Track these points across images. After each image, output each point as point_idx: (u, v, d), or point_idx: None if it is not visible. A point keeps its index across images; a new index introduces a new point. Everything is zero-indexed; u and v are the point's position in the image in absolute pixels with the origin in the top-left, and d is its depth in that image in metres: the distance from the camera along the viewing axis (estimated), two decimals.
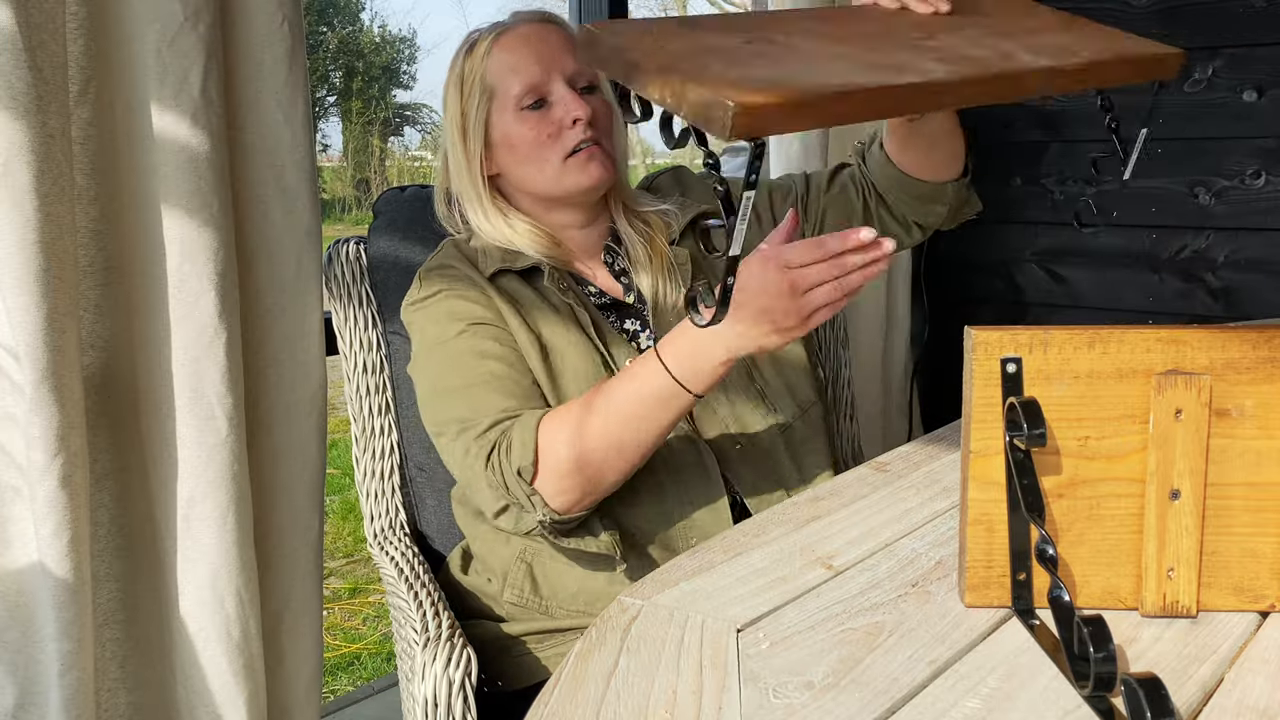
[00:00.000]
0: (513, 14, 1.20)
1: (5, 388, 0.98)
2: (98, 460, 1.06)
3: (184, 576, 1.13)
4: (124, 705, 1.11)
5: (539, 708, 0.60)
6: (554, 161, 1.15)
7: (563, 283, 1.15)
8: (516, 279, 1.15)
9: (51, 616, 0.98)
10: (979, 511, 0.71)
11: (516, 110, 1.15)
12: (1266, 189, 2.08)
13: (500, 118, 1.16)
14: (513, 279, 1.15)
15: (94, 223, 1.04)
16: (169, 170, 1.05)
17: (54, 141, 0.93)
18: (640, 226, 1.22)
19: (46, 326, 0.93)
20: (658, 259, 1.21)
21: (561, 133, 1.14)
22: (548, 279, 1.14)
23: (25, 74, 0.90)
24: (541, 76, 1.14)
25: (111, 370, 1.07)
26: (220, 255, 1.09)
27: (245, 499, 1.13)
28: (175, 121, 1.05)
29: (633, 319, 1.20)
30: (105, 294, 1.05)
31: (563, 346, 1.11)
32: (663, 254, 1.21)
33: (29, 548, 1.00)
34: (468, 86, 1.17)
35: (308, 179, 1.19)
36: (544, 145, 1.14)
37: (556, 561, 1.12)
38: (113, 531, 1.09)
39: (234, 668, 1.14)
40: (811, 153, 2.08)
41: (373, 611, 2.92)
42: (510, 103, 1.15)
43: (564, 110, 1.13)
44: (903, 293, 2.33)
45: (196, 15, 1.04)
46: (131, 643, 1.11)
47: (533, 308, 1.14)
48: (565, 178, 1.15)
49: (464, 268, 1.16)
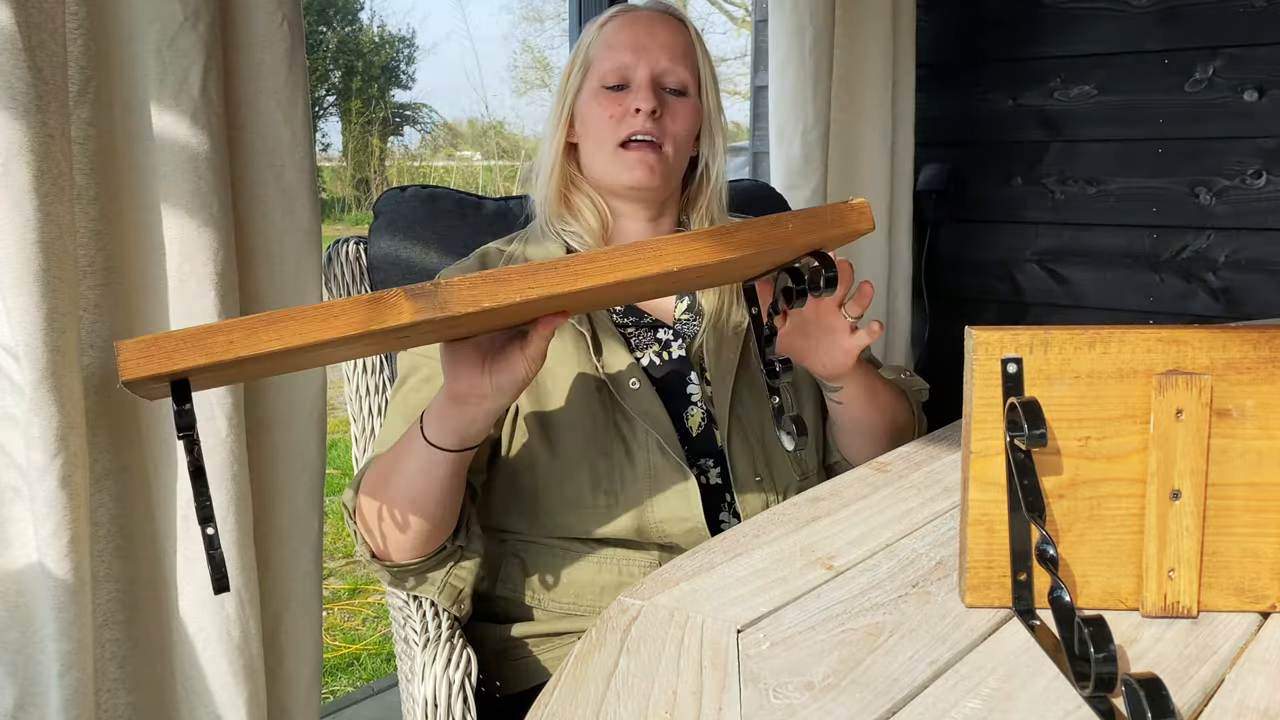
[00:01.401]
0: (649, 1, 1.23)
1: (5, 388, 0.98)
2: (98, 460, 1.06)
3: (184, 576, 1.13)
4: (124, 705, 1.11)
5: (539, 708, 0.60)
6: (608, 146, 1.16)
7: None
8: None
9: (51, 616, 0.98)
10: (979, 512, 0.71)
11: (599, 87, 1.17)
12: (1267, 189, 2.08)
13: (586, 91, 1.19)
14: None
15: (94, 222, 1.04)
16: (169, 170, 1.05)
17: (54, 141, 0.93)
18: None
19: (46, 326, 0.93)
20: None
21: (625, 118, 1.15)
22: None
23: (25, 74, 0.90)
24: (630, 61, 1.16)
25: (111, 370, 1.07)
26: (220, 255, 1.08)
27: (245, 499, 1.13)
28: (175, 121, 1.05)
29: (666, 328, 1.19)
30: (105, 294, 1.05)
31: (551, 365, 1.11)
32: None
33: (29, 548, 1.00)
34: (579, 55, 1.21)
35: (308, 179, 1.19)
36: (605, 126, 1.16)
37: (544, 554, 1.12)
38: (113, 531, 1.09)
39: (234, 668, 1.13)
40: (812, 154, 2.08)
41: (373, 611, 2.92)
42: (597, 79, 1.17)
43: (633, 97, 1.15)
44: (903, 293, 2.33)
45: (196, 15, 1.04)
46: (131, 643, 1.11)
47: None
48: (611, 166, 1.16)
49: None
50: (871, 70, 2.14)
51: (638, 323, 1.18)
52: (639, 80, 1.16)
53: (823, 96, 2.08)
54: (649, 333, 1.18)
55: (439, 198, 1.38)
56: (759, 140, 2.38)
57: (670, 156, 1.17)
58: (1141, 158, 2.22)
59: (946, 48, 2.41)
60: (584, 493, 1.10)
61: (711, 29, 12.49)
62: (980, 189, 2.43)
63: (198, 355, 0.67)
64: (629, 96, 1.16)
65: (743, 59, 13.08)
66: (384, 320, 0.71)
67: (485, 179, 13.26)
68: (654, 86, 1.16)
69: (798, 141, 2.08)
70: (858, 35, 2.12)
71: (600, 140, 1.17)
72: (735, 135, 2.80)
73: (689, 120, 1.18)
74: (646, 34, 1.17)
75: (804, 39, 2.04)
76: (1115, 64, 2.21)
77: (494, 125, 16.54)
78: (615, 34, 1.18)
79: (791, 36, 2.05)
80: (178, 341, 0.67)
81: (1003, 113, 2.37)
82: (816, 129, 2.08)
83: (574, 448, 1.10)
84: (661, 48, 1.16)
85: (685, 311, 1.20)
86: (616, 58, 1.16)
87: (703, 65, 1.20)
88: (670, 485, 1.09)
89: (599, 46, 1.19)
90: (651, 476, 1.09)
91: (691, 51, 1.19)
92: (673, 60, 1.17)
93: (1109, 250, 2.27)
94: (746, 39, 7.27)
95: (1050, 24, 2.28)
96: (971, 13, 2.38)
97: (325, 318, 0.70)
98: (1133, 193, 2.23)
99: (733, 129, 1.45)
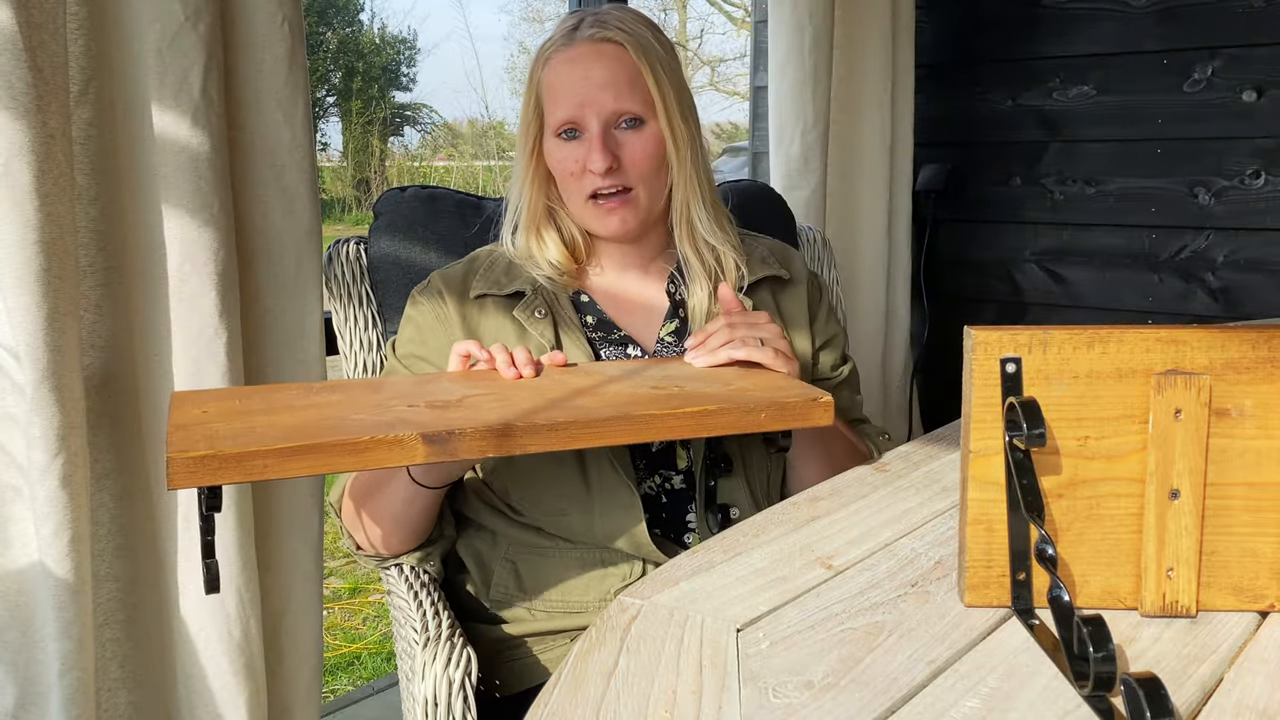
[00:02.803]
0: (587, 19, 1.15)
1: (6, 387, 0.98)
2: (98, 460, 1.06)
3: (184, 576, 1.13)
4: (124, 704, 1.11)
5: (539, 707, 0.60)
6: (578, 198, 1.14)
7: (539, 310, 1.14)
8: (502, 302, 1.15)
9: (52, 616, 0.98)
10: (979, 511, 0.71)
11: (555, 137, 1.14)
12: (1266, 189, 2.08)
13: (546, 135, 1.15)
14: (498, 302, 1.15)
15: (94, 222, 1.04)
16: (169, 170, 1.05)
17: (54, 141, 0.93)
18: (708, 262, 1.20)
19: (47, 326, 0.94)
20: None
21: (584, 174, 1.12)
22: (520, 307, 1.14)
23: (26, 74, 0.90)
24: (576, 112, 1.11)
25: (112, 370, 1.07)
26: (220, 255, 1.09)
27: (245, 499, 1.13)
28: (175, 121, 1.05)
29: (635, 345, 1.17)
30: (106, 294, 1.05)
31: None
32: None
33: (29, 547, 1.00)
34: (531, 92, 1.16)
35: (308, 179, 1.19)
36: (569, 180, 1.14)
37: (532, 555, 1.13)
38: (113, 531, 1.09)
39: (234, 668, 1.14)
40: (811, 154, 2.09)
41: (373, 611, 2.92)
42: (551, 128, 1.14)
43: (588, 153, 1.11)
44: (903, 293, 2.33)
45: (197, 15, 1.04)
46: (131, 643, 1.11)
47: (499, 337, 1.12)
48: (585, 216, 1.15)
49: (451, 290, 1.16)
50: (871, 70, 2.14)
51: (606, 337, 1.17)
52: (590, 132, 1.11)
53: (822, 96, 2.08)
54: (619, 349, 1.17)
55: (439, 198, 1.39)
56: (759, 140, 2.38)
57: (642, 197, 1.14)
58: (1140, 158, 2.22)
59: (946, 48, 2.41)
60: (543, 497, 1.12)
61: (711, 29, 12.48)
62: (979, 189, 2.43)
63: (236, 475, 0.77)
64: (582, 147, 1.12)
65: (742, 59, 13.08)
66: (399, 460, 0.81)
67: (485, 179, 13.26)
68: (605, 134, 1.11)
69: (797, 141, 2.08)
70: (857, 35, 2.12)
71: (569, 193, 1.15)
72: (735, 135, 2.80)
73: (651, 149, 1.13)
74: (583, 78, 1.11)
75: (803, 39, 2.04)
76: (1114, 64, 2.21)
77: (494, 126, 16.55)
78: (558, 80, 1.12)
79: (791, 36, 2.06)
80: (221, 462, 0.76)
81: (1002, 113, 2.37)
82: (816, 129, 2.08)
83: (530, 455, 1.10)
84: (603, 89, 1.10)
85: (671, 334, 1.19)
86: (563, 110, 1.12)
87: (656, 81, 1.12)
88: (615, 500, 1.09)
89: (546, 93, 1.14)
90: (602, 490, 1.10)
91: (638, 76, 1.11)
92: (618, 98, 1.10)
93: (1108, 250, 2.28)
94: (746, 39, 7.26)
95: (1049, 24, 2.28)
96: (971, 13, 2.38)
97: (352, 453, 0.80)
98: (1132, 193, 2.23)
99: (732, 129, 1.44)
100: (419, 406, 0.89)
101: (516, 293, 1.15)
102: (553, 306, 1.15)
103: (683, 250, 1.20)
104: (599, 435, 0.86)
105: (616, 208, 1.13)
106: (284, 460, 0.78)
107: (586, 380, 0.99)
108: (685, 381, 0.99)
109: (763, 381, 0.99)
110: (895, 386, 2.35)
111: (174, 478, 0.76)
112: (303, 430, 0.81)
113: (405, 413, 0.87)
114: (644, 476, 1.14)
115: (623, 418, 0.87)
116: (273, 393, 0.95)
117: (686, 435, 0.91)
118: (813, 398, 0.94)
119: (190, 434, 0.80)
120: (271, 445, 0.77)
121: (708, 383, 0.98)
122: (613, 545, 1.10)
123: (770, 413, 0.91)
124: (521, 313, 1.14)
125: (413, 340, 1.16)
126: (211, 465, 0.76)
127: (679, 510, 1.15)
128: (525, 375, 0.99)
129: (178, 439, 0.79)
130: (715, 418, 0.90)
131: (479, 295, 1.15)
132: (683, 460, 1.15)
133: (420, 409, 0.88)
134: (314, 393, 0.94)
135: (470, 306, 1.15)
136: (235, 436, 0.79)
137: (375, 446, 0.80)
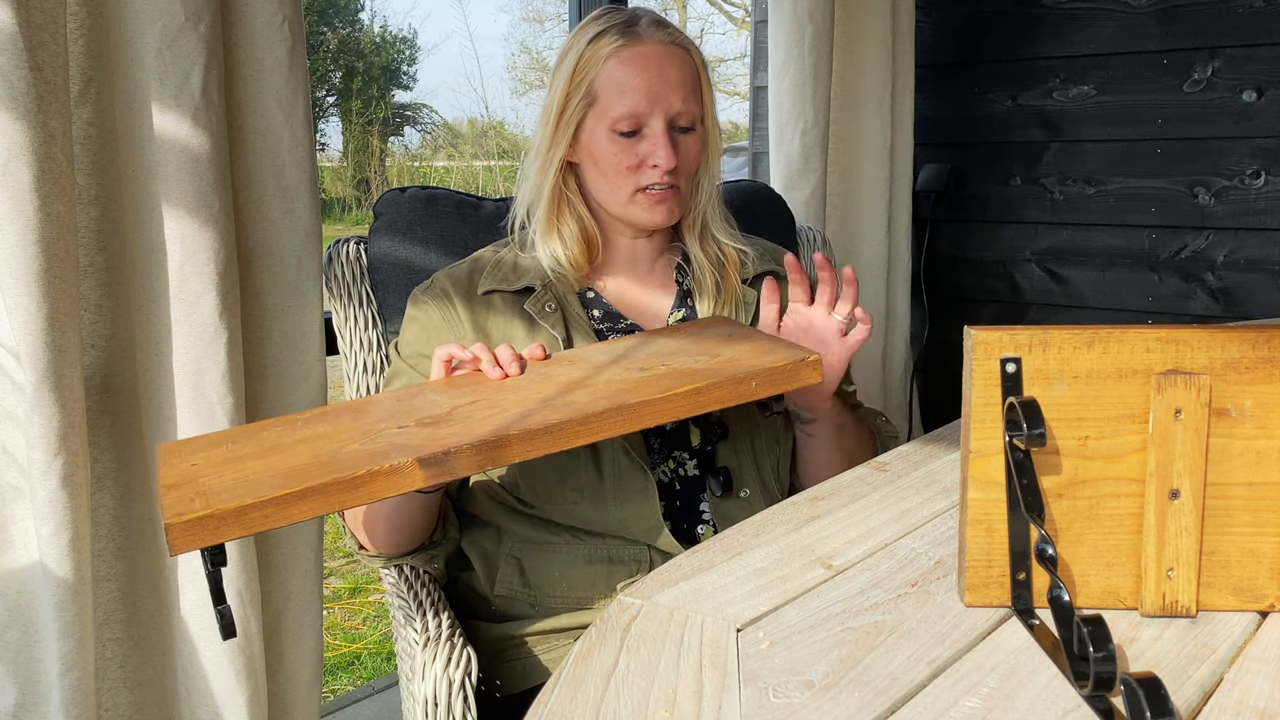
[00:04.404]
0: (647, 19, 1.16)
1: (6, 387, 0.98)
2: (98, 460, 1.06)
3: (184, 576, 1.13)
4: (125, 704, 1.11)
5: (539, 706, 0.60)
6: (625, 190, 1.15)
7: (550, 304, 1.15)
8: (510, 298, 1.16)
9: (52, 616, 0.98)
10: (979, 511, 0.71)
11: (610, 129, 1.13)
12: (1266, 189, 2.08)
13: (594, 125, 1.14)
14: (506, 297, 1.16)
15: (95, 222, 1.04)
16: (170, 170, 1.05)
17: (54, 141, 0.93)
18: (714, 255, 1.23)
19: (47, 326, 0.94)
20: (728, 291, 1.22)
21: (641, 168, 1.13)
22: (530, 301, 1.15)
23: (26, 74, 0.90)
24: (645, 109, 1.12)
25: (112, 370, 1.07)
26: (220, 255, 1.09)
27: None
28: (176, 121, 1.05)
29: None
30: (106, 294, 1.06)
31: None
32: (733, 289, 1.22)
33: (30, 547, 1.00)
34: (577, 78, 1.15)
35: (308, 179, 1.19)
36: (621, 173, 1.14)
37: (538, 550, 1.14)
38: (113, 531, 1.09)
39: (234, 668, 1.14)
40: (811, 154, 2.09)
41: (373, 611, 2.92)
42: (607, 119, 1.13)
43: (650, 152, 1.12)
44: (902, 293, 2.33)
45: (197, 15, 1.04)
46: (131, 643, 1.11)
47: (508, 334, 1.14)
48: (630, 209, 1.16)
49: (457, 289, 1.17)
50: (871, 70, 2.15)
51: (614, 327, 1.19)
52: (654, 130, 1.12)
53: (822, 96, 2.08)
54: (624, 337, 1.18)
55: (438, 198, 1.39)
56: (758, 140, 2.38)
57: (684, 192, 1.17)
58: (1140, 158, 2.22)
59: (945, 48, 2.41)
60: (553, 486, 1.12)
61: (711, 29, 12.50)
62: (979, 189, 2.43)
63: (237, 530, 0.75)
64: (643, 144, 1.13)
65: (742, 59, 13.08)
66: (401, 487, 0.80)
67: (485, 179, 13.26)
68: (668, 133, 1.13)
69: (797, 141, 2.08)
70: (857, 35, 2.12)
71: (614, 185, 1.15)
72: (735, 135, 2.80)
73: (698, 152, 1.17)
74: (658, 76, 1.12)
75: (803, 39, 2.04)
76: (1114, 64, 2.21)
77: (494, 125, 16.55)
78: (626, 75, 1.12)
79: (791, 36, 2.05)
80: (220, 520, 0.74)
81: (1002, 113, 2.37)
82: (816, 129, 2.08)
83: None
84: (674, 89, 1.12)
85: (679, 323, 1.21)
86: (629, 103, 1.11)
87: (706, 90, 1.17)
88: (631, 484, 1.11)
89: (607, 80, 1.12)
90: (615, 475, 1.11)
91: (699, 82, 1.16)
92: (685, 101, 1.13)
93: (1108, 250, 2.28)
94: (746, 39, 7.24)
95: (1049, 24, 2.28)
96: (971, 13, 2.38)
97: (350, 490, 0.78)
98: (1131, 193, 2.23)
99: (732, 129, 1.46)
100: (409, 426, 0.87)
101: (526, 288, 1.16)
102: (561, 301, 1.17)
103: (690, 247, 1.23)
104: (595, 430, 0.86)
105: (666, 198, 1.15)
106: (284, 508, 0.76)
107: (574, 371, 0.98)
108: (671, 358, 0.98)
109: (748, 347, 0.99)
110: (895, 386, 2.35)
111: (175, 544, 0.73)
112: (297, 472, 0.79)
113: (397, 436, 0.85)
114: (658, 461, 1.15)
115: (617, 409, 0.86)
116: (259, 431, 0.91)
117: (682, 415, 0.91)
118: (800, 358, 0.93)
119: (183, 493, 0.77)
120: (269, 494, 0.75)
121: (694, 357, 0.98)
122: (625, 532, 1.11)
123: (761, 380, 0.92)
124: (533, 306, 1.15)
125: (418, 340, 1.16)
126: (211, 525, 0.74)
127: (692, 499, 1.15)
128: (511, 374, 0.99)
129: (172, 501, 0.76)
130: (708, 394, 0.90)
131: (487, 292, 1.16)
132: (695, 437, 1.16)
133: (411, 429, 0.86)
134: (301, 425, 0.91)
135: (478, 304, 1.16)
136: (230, 489, 0.77)
137: (373, 479, 0.79)
